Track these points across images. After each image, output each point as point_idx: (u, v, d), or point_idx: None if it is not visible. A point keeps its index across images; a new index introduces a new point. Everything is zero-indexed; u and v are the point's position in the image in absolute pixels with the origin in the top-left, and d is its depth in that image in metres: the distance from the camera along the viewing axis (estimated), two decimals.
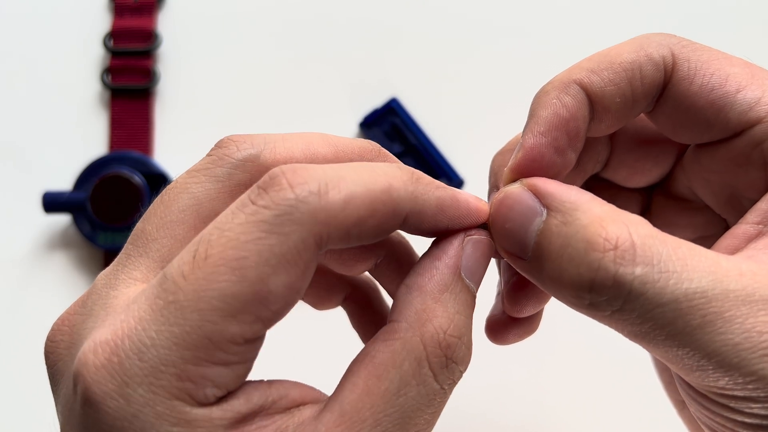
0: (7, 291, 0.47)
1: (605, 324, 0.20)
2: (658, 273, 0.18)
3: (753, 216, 0.21)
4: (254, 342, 0.19)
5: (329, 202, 0.18)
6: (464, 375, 0.21)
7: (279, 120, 0.49)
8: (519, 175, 0.22)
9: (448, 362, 0.20)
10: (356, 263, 0.26)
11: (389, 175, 0.20)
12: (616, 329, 0.20)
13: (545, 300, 0.25)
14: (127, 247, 0.21)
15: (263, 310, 0.18)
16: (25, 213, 0.47)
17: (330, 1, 0.50)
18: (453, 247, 0.22)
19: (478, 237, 0.22)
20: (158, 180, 0.47)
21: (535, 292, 0.25)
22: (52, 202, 0.45)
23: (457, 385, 0.21)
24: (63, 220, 0.48)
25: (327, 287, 0.28)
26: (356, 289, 0.29)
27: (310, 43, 0.50)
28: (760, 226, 0.21)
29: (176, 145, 0.49)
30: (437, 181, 0.21)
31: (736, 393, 0.18)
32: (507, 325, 0.26)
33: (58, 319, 0.21)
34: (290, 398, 0.20)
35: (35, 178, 0.48)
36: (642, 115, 0.24)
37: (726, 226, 0.25)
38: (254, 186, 0.19)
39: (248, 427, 0.19)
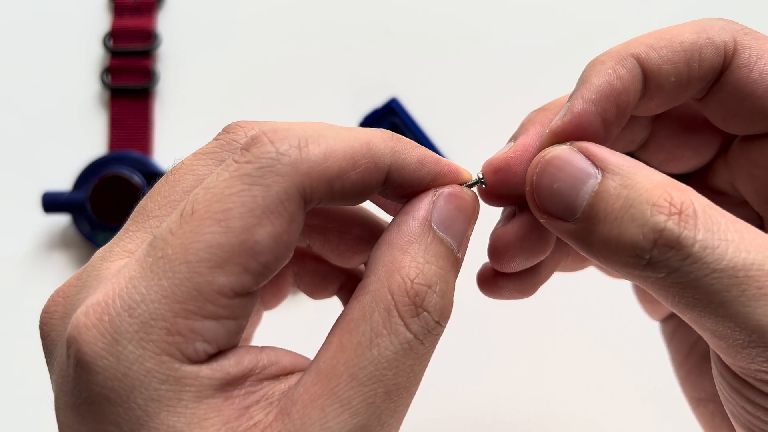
0: (7, 291, 0.47)
1: (653, 289, 0.19)
2: (719, 240, 0.18)
3: None
4: (245, 297, 0.19)
5: (309, 154, 0.19)
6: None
7: (278, 119, 0.49)
8: (561, 138, 0.22)
9: (417, 310, 0.20)
10: (353, 255, 0.27)
11: (369, 133, 0.21)
12: (665, 296, 0.19)
13: (533, 257, 0.24)
14: (127, 224, 0.22)
15: (251, 261, 0.18)
16: (24, 213, 0.47)
17: (330, 1, 0.50)
18: (422, 201, 0.22)
19: (450, 190, 0.22)
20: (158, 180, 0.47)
21: (521, 246, 0.24)
22: (51, 202, 0.45)
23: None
24: (63, 220, 0.48)
25: (322, 276, 0.28)
26: (351, 279, 0.29)
27: (310, 43, 0.50)
28: None
29: (176, 145, 0.49)
30: (416, 143, 0.22)
31: None
32: (497, 277, 0.25)
33: (53, 293, 0.21)
34: (281, 365, 0.20)
35: (35, 178, 0.48)
36: (689, 101, 0.23)
37: (762, 224, 0.24)
38: (238, 148, 0.20)
39: (237, 391, 0.19)
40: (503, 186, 0.23)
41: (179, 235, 0.18)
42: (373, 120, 0.48)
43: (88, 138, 0.49)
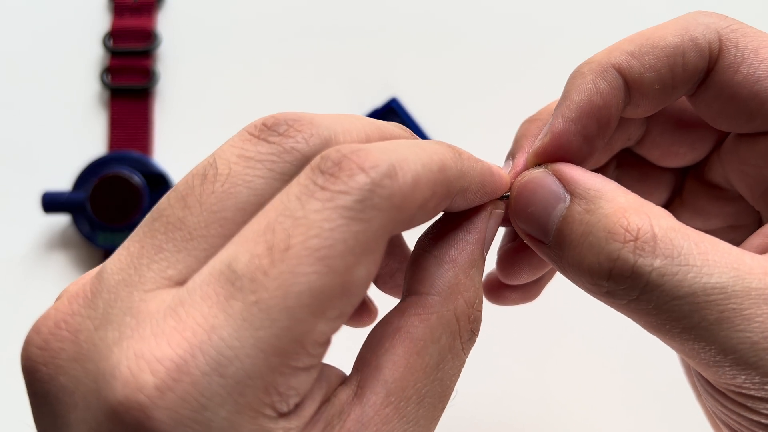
0: (7, 291, 0.47)
1: (622, 313, 0.19)
2: (677, 266, 0.18)
3: None
4: (330, 342, 0.17)
5: (401, 184, 0.17)
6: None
7: None
8: (543, 159, 0.22)
9: (472, 335, 0.20)
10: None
11: (439, 153, 0.19)
12: (633, 319, 0.19)
13: (538, 271, 0.25)
14: (156, 237, 0.17)
15: (347, 304, 0.17)
16: (24, 213, 0.47)
17: (330, 1, 0.50)
18: (482, 221, 0.21)
19: (500, 211, 0.22)
20: (158, 180, 0.47)
21: (528, 263, 0.24)
22: (51, 202, 0.45)
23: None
24: (62, 220, 0.48)
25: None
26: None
27: (310, 43, 0.50)
28: None
29: (176, 145, 0.49)
30: (472, 154, 0.21)
31: (753, 393, 0.18)
32: (502, 287, 0.26)
33: (48, 319, 0.18)
34: (331, 385, 0.19)
35: (35, 178, 0.48)
36: (682, 98, 0.23)
37: (759, 218, 0.24)
38: (313, 169, 0.17)
39: (314, 429, 0.17)
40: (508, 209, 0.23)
41: (274, 275, 0.16)
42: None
43: (88, 138, 0.49)
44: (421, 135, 0.48)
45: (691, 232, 0.19)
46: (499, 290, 0.26)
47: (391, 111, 0.48)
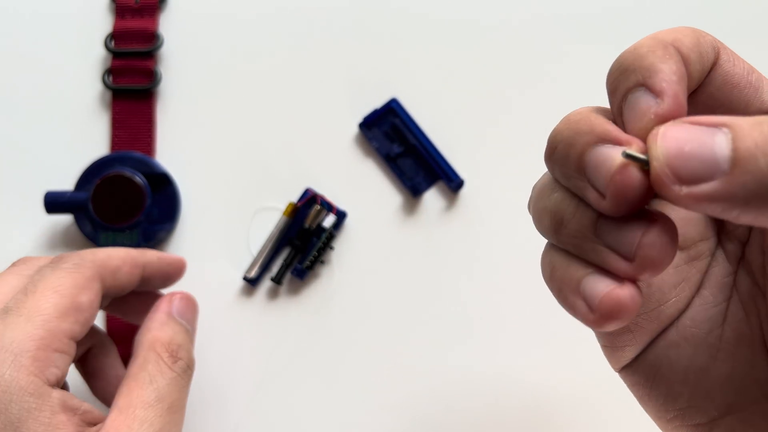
0: None
1: None
2: None
3: None
4: (75, 342, 0.32)
5: (98, 257, 0.36)
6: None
7: (279, 120, 0.49)
8: (665, 121, 0.21)
9: (175, 359, 0.34)
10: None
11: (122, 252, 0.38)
12: None
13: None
14: None
15: (79, 315, 0.32)
16: (26, 213, 0.48)
17: (331, 2, 0.51)
18: (164, 302, 0.37)
19: (181, 295, 0.38)
20: (160, 180, 0.47)
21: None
22: (53, 202, 0.45)
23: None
24: (64, 220, 0.48)
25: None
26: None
27: (311, 44, 0.50)
28: None
29: (178, 146, 0.49)
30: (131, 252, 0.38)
31: None
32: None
33: None
34: (93, 415, 0.31)
35: (36, 178, 0.48)
36: None
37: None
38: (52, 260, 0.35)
39: (73, 416, 0.30)
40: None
41: (30, 301, 0.31)
42: (372, 120, 0.48)
43: (90, 139, 0.49)
44: (421, 135, 0.48)
45: None
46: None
47: (391, 111, 0.48)
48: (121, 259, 0.36)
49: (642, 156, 0.20)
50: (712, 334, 0.26)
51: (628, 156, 0.20)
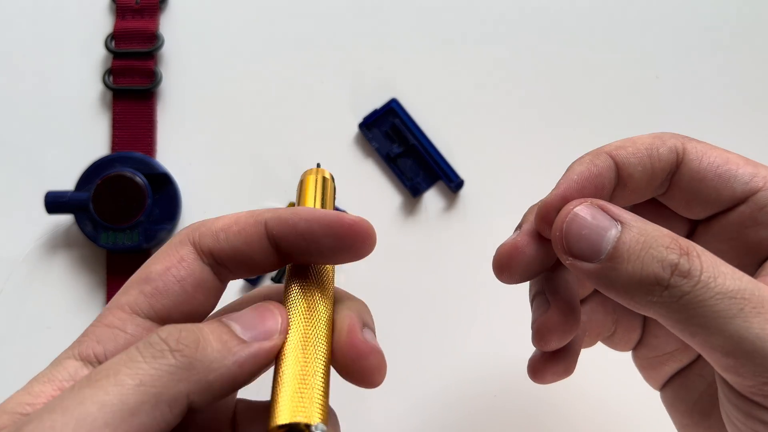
0: (10, 291, 0.47)
1: (667, 314, 0.23)
2: (717, 272, 0.23)
3: None
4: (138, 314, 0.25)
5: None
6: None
7: (279, 120, 0.49)
8: (551, 208, 0.26)
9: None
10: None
11: None
12: (676, 319, 0.23)
13: (568, 337, 0.28)
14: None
15: (145, 286, 0.24)
16: (27, 213, 0.48)
17: (330, 3, 0.51)
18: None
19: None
20: (161, 180, 0.47)
21: (561, 331, 0.28)
22: (54, 202, 0.46)
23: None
24: (65, 220, 0.48)
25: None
26: None
27: (311, 44, 0.50)
28: None
29: (178, 146, 0.49)
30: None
31: None
32: (543, 364, 0.29)
33: None
34: None
35: (38, 178, 0.48)
36: (655, 199, 0.29)
37: None
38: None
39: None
40: (517, 264, 0.27)
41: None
42: (372, 121, 0.48)
43: (91, 139, 0.49)
44: (421, 135, 0.48)
45: (716, 256, 0.24)
46: (541, 370, 0.29)
47: (391, 111, 0.49)
48: (231, 218, 0.26)
49: None
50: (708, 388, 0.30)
51: None
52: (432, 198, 0.48)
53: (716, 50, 0.50)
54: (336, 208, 0.47)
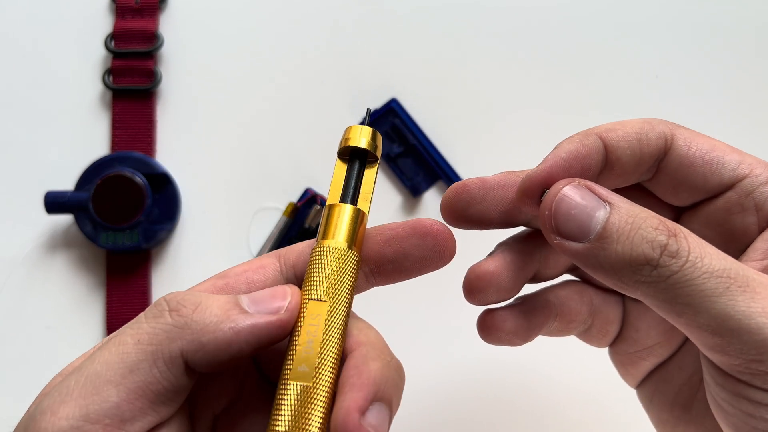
0: (10, 291, 0.47)
1: (654, 294, 0.24)
2: (704, 253, 0.23)
3: (755, 254, 0.26)
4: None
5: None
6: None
7: (279, 120, 0.49)
8: (535, 182, 0.26)
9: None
10: None
11: None
12: (663, 299, 0.23)
13: (503, 295, 0.29)
14: None
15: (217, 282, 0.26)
16: (27, 213, 0.48)
17: (330, 3, 0.51)
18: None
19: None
20: (160, 180, 0.47)
21: (491, 285, 0.29)
22: (54, 202, 0.46)
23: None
24: (65, 220, 0.48)
25: None
26: None
27: (311, 44, 0.50)
28: (765, 261, 0.26)
29: (178, 146, 0.49)
30: None
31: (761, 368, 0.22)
32: (493, 315, 0.30)
33: None
34: None
35: (37, 178, 0.48)
36: (641, 185, 0.29)
37: None
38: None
39: None
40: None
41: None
42: (373, 120, 0.48)
43: (91, 139, 0.49)
44: (421, 135, 0.48)
45: (698, 237, 0.24)
46: (489, 321, 0.30)
47: (391, 111, 0.49)
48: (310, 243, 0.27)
49: None
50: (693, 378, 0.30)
51: None
52: (432, 198, 0.48)
53: (716, 50, 0.50)
54: None
